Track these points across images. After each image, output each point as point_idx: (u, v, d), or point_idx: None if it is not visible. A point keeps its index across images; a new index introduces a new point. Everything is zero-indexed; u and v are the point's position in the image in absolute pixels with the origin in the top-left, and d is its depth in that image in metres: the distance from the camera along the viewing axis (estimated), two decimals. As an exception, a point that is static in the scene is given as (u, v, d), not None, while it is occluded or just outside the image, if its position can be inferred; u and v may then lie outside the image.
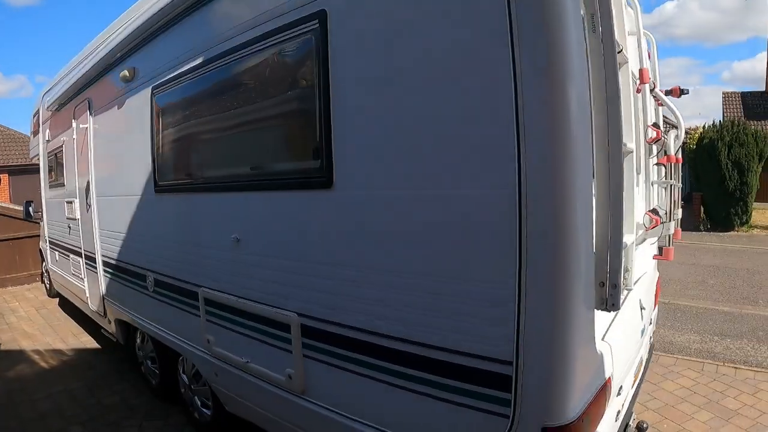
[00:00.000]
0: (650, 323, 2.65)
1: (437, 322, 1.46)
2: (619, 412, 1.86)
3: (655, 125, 2.02)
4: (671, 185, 2.17)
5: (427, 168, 1.45)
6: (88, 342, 4.92)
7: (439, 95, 1.42)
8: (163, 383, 3.47)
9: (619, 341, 1.77)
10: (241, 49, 2.01)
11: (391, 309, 1.58)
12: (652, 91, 2.25)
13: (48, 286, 6.73)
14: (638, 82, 2.07)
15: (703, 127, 13.96)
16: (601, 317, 1.54)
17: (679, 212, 2.33)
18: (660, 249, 2.11)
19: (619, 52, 1.58)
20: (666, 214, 2.04)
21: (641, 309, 2.26)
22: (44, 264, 6.69)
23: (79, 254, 4.44)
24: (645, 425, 2.23)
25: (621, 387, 1.83)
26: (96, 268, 4.00)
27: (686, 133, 2.19)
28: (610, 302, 1.42)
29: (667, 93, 2.51)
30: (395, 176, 1.53)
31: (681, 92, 2.54)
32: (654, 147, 2.12)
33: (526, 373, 1.30)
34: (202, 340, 2.58)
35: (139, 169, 3.09)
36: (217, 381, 2.58)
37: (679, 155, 2.30)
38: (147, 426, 3.24)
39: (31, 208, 6.31)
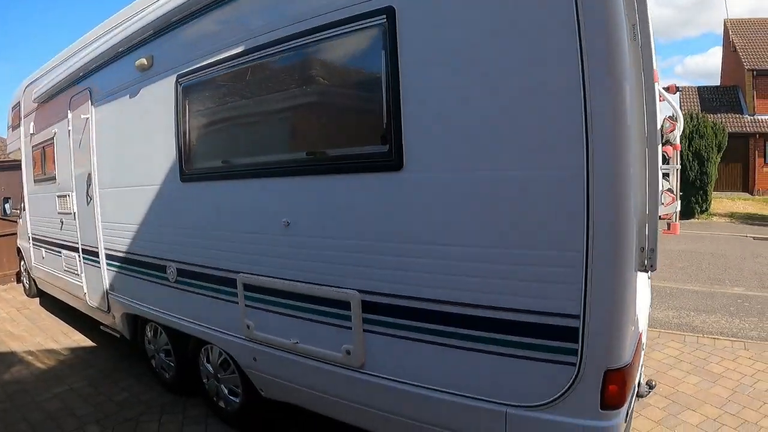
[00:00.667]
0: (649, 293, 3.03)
1: (508, 286, 1.71)
2: (642, 365, 2.18)
3: (671, 118, 2.36)
4: (676, 169, 2.52)
5: (502, 154, 1.69)
6: (81, 340, 4.88)
7: (514, 92, 1.67)
8: (179, 376, 3.55)
9: (640, 302, 2.08)
10: (298, 37, 2.15)
11: (460, 279, 1.81)
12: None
13: (27, 285, 6.52)
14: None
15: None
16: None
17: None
18: (668, 225, 2.45)
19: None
20: (675, 193, 2.39)
21: (648, 278, 2.61)
22: (23, 263, 6.47)
23: (74, 249, 4.39)
24: (654, 383, 2.57)
25: (644, 343, 2.15)
26: (98, 262, 3.99)
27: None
28: (649, 264, 1.72)
29: (665, 90, 2.87)
30: (467, 159, 1.76)
31: (676, 89, 2.90)
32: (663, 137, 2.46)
33: (591, 325, 1.57)
34: (240, 326, 2.70)
35: (159, 159, 3.14)
36: (256, 366, 2.70)
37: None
38: (167, 420, 3.29)
39: (8, 205, 6.08)
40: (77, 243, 4.31)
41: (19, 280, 7.22)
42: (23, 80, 5.31)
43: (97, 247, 3.96)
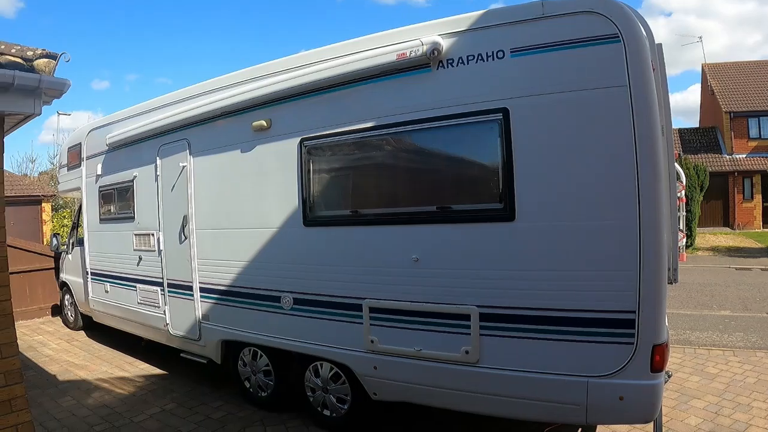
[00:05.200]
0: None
1: (589, 295, 3.01)
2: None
3: (679, 180, 3.86)
4: (683, 215, 3.99)
5: (585, 209, 3.03)
6: (149, 369, 5.77)
7: (591, 170, 3.02)
8: (277, 393, 4.56)
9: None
10: (430, 121, 3.41)
11: (556, 292, 3.09)
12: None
13: (72, 318, 7.40)
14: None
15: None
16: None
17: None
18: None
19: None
20: (683, 231, 3.86)
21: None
22: (67, 297, 7.31)
23: (154, 284, 5.38)
24: (671, 372, 3.93)
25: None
26: (190, 295, 4.97)
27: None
28: (673, 278, 3.13)
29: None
30: (564, 213, 3.08)
31: (678, 155, 4.45)
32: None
33: (643, 317, 2.89)
34: (363, 341, 3.80)
35: (276, 207, 4.25)
36: (375, 373, 3.78)
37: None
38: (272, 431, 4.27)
39: (56, 240, 6.95)
40: (160, 278, 5.31)
41: (55, 314, 8.12)
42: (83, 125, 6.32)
43: (190, 282, 4.98)
